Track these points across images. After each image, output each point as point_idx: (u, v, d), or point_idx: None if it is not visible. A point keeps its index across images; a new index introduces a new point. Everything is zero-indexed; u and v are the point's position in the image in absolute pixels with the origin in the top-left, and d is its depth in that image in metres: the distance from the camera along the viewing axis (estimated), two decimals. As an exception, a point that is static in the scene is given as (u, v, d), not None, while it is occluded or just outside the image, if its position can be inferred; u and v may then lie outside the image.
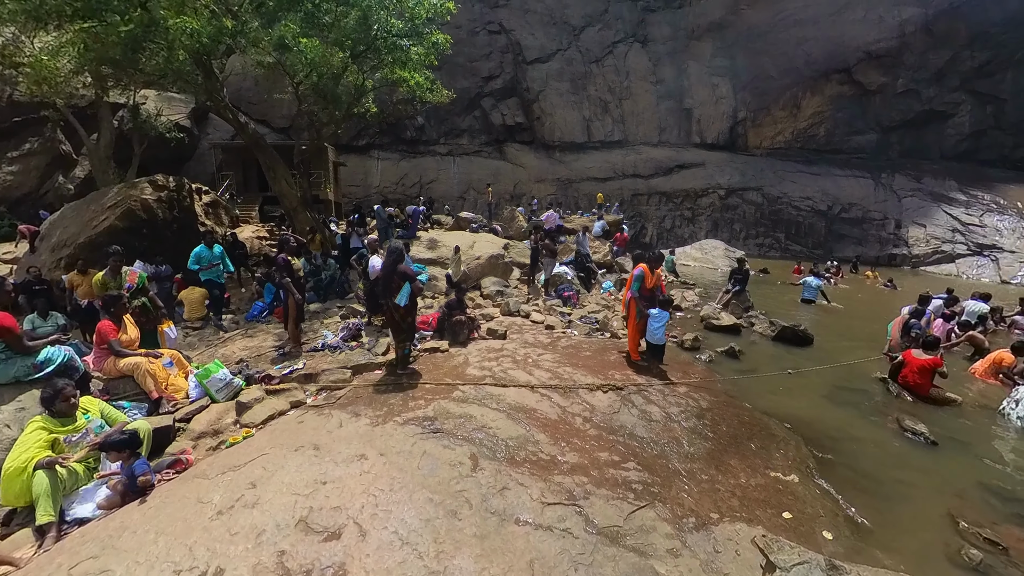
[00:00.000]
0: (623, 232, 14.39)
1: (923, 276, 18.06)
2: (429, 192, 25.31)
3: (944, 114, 21.58)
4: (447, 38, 12.07)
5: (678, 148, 26.75)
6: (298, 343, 5.58)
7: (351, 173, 25.40)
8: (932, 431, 4.42)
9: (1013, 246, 17.96)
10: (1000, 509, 3.39)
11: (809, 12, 23.17)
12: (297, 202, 11.74)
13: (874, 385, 5.78)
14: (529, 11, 27.66)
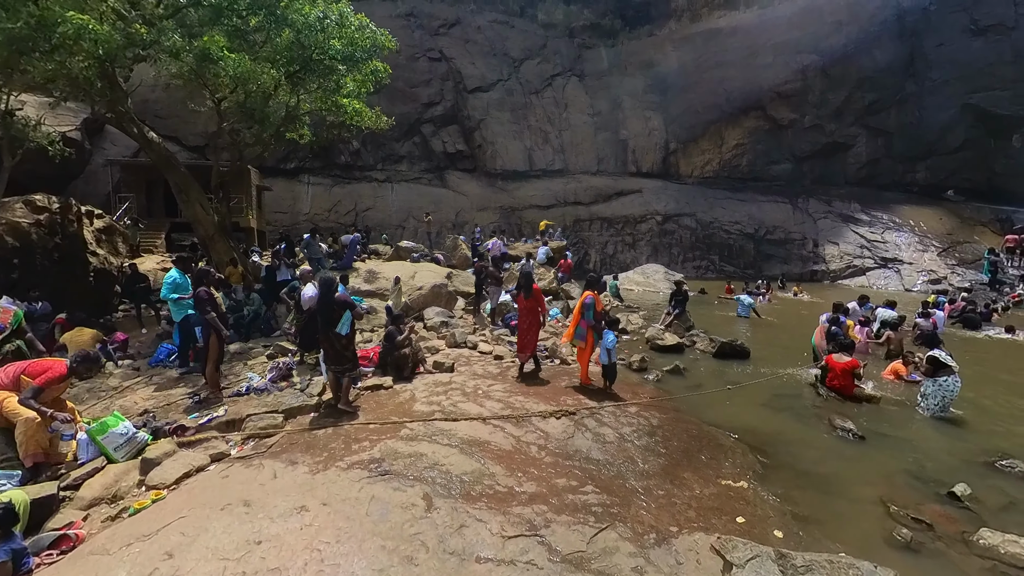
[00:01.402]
0: (567, 258, 15.12)
1: (840, 288, 20.93)
2: (365, 220, 24.84)
3: (845, 145, 25.79)
4: (386, 67, 12.39)
5: (616, 176, 29.02)
6: (217, 388, 5.15)
7: (277, 199, 24.28)
8: (859, 427, 5.18)
9: (911, 259, 21.59)
10: (922, 490, 4.02)
11: (726, 56, 27.00)
12: (214, 230, 11.01)
13: (806, 390, 6.65)
14: (470, 41, 29.18)
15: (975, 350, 10.01)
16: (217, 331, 5.02)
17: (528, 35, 30.55)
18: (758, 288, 16.81)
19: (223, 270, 10.22)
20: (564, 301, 11.83)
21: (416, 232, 24.87)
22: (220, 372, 5.44)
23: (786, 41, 25.69)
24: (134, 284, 9.54)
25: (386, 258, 15.20)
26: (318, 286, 4.73)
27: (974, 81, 22.34)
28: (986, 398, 6.53)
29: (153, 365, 6.76)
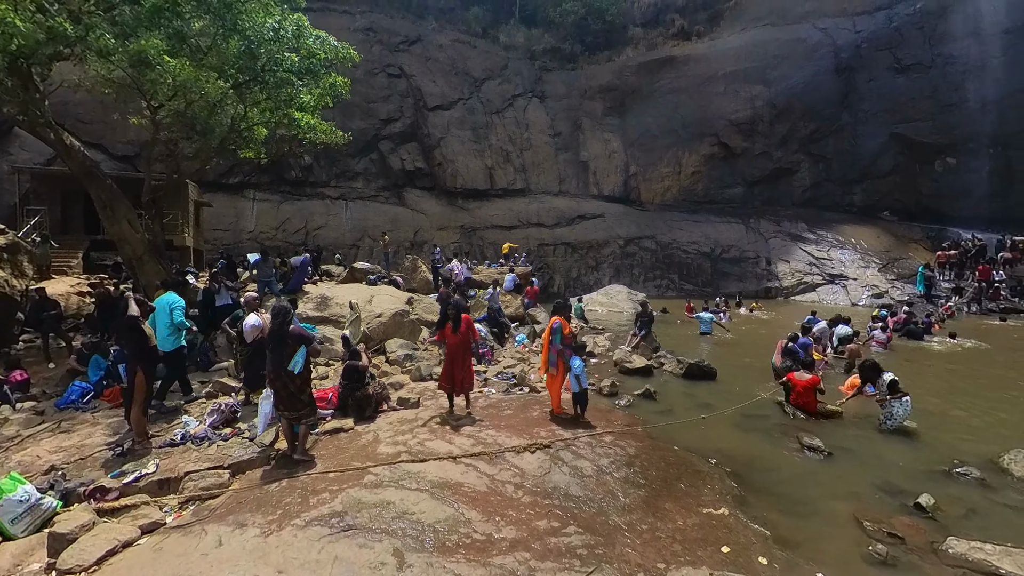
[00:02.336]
0: (533, 285, 15.27)
1: (793, 304, 22.47)
2: (317, 239, 24.06)
3: (790, 171, 28.15)
4: (346, 81, 12.28)
5: (578, 199, 29.94)
6: (145, 436, 4.62)
7: (218, 215, 23.09)
8: (826, 443, 5.49)
9: (855, 275, 23.54)
10: (890, 503, 4.28)
11: (681, 83, 28.93)
12: (143, 249, 10.25)
13: (773, 409, 6.98)
14: (431, 59, 29.55)
15: (921, 358, 11.07)
16: (139, 367, 4.52)
17: (489, 56, 31.39)
18: (717, 307, 17.72)
19: (152, 295, 9.51)
20: (531, 327, 11.87)
21: (372, 252, 24.40)
22: (149, 416, 4.94)
23: (736, 72, 27.96)
24: (41, 311, 8.58)
25: (340, 280, 14.67)
26: (270, 316, 4.40)
27: (899, 113, 25.23)
28: (935, 406, 7.12)
29: (62, 407, 6.01)
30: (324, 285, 13.09)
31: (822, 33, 26.95)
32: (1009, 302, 18.14)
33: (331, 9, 28.12)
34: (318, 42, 11.26)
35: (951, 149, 24.45)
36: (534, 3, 34.01)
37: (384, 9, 30.31)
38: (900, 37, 25.28)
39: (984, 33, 23.04)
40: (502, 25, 33.26)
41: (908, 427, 6.11)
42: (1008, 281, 19.08)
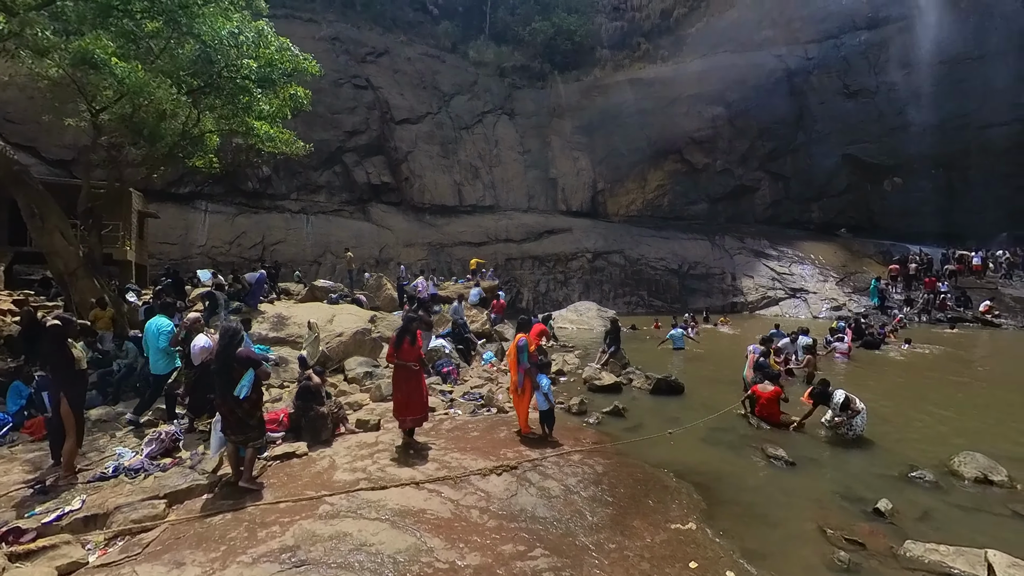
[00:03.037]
0: (499, 299, 15.30)
1: (758, 318, 23.48)
2: (275, 255, 23.37)
3: (752, 188, 29.71)
4: (307, 93, 12.19)
5: (546, 214, 30.50)
6: (73, 471, 4.28)
7: (165, 227, 22.10)
8: (789, 454, 5.72)
9: (815, 288, 24.89)
10: (850, 510, 4.48)
11: (646, 103, 30.29)
12: (78, 264, 9.64)
13: (739, 421, 7.23)
14: (399, 72, 29.70)
15: (879, 366, 11.86)
16: (64, 394, 4.19)
17: (459, 71, 31.89)
18: (686, 323, 18.31)
19: (87, 313, 8.94)
20: (498, 343, 11.85)
21: (334, 269, 23.92)
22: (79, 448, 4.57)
23: (698, 93, 29.54)
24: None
25: (299, 299, 14.23)
26: (219, 334, 4.22)
27: (850, 135, 27.24)
28: (891, 413, 7.55)
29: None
30: (282, 304, 12.67)
31: (777, 59, 28.95)
32: (955, 311, 19.58)
33: (296, 16, 27.97)
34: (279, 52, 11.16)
35: (898, 169, 26.52)
36: (503, 21, 34.94)
37: (351, 19, 30.38)
38: (847, 64, 27.47)
39: (921, 64, 25.36)
40: (472, 41, 33.92)
41: (865, 437, 6.45)
42: (953, 292, 20.64)
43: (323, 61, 25.49)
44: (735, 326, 19.99)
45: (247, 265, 22.84)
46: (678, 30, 31.95)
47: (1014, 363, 12.02)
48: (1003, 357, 13.33)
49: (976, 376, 10.69)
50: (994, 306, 18.93)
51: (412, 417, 5.32)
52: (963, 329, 17.87)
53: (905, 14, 25.83)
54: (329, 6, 30.27)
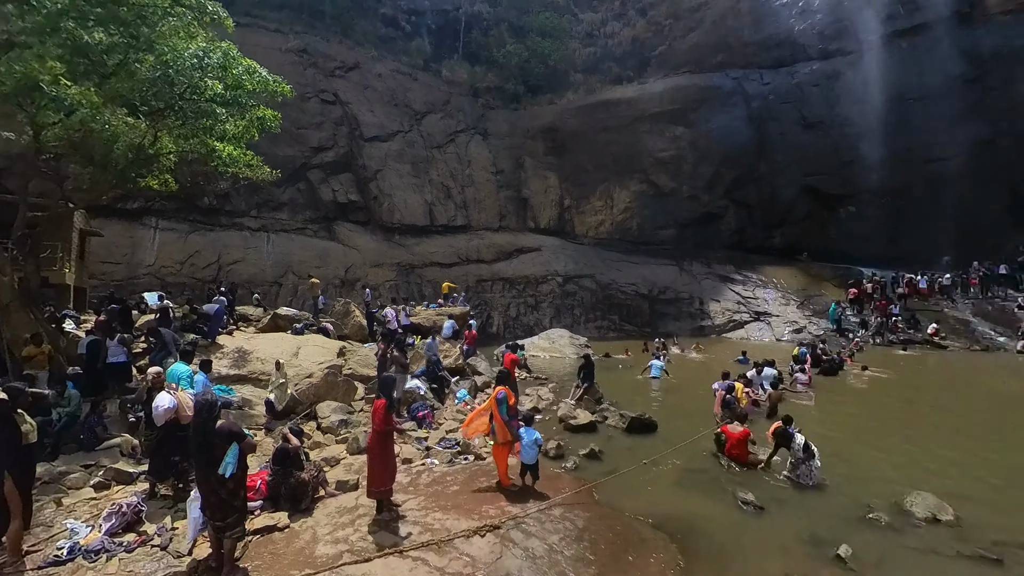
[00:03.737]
0: (471, 328, 15.33)
1: (725, 341, 24.36)
2: (232, 275, 22.55)
3: (718, 215, 31.11)
4: (275, 115, 12.07)
5: (516, 232, 30.91)
6: (20, 555, 3.96)
7: (109, 246, 21.00)
8: (758, 497, 6.07)
9: (778, 312, 26.11)
10: (815, 556, 4.83)
11: (612, 122, 31.38)
12: (11, 296, 9.03)
13: (710, 461, 7.59)
14: (369, 87, 29.60)
15: (839, 394, 12.68)
16: (13, 473, 3.89)
17: (432, 90, 32.11)
18: (657, 349, 18.97)
19: (19, 350, 8.33)
20: (471, 379, 11.81)
21: (296, 290, 23.31)
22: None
23: (660, 113, 30.90)
24: None
25: (260, 327, 13.79)
26: (194, 411, 4.05)
27: (808, 165, 29.07)
28: (850, 449, 8.09)
29: None
30: (242, 336, 12.28)
31: (734, 82, 30.68)
32: (906, 334, 21.07)
33: (261, 26, 27.55)
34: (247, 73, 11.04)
35: (852, 199, 28.44)
36: (477, 41, 35.54)
37: (320, 32, 30.16)
38: (802, 94, 29.47)
39: (871, 99, 27.53)
40: (445, 60, 34.31)
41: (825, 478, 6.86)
42: (904, 314, 22.23)
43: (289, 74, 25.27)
44: (705, 350, 20.78)
45: (199, 286, 21.98)
46: (643, 52, 33.49)
47: (957, 389, 13.04)
48: (949, 381, 14.45)
49: (925, 404, 11.56)
50: (940, 328, 20.53)
51: (377, 488, 5.15)
52: (914, 351, 19.28)
53: (853, 48, 28.05)
54: (297, 17, 30.03)
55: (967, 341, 19.81)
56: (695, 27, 31.96)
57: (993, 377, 14.42)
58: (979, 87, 24.93)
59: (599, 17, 36.01)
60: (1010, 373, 14.94)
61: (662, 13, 33.47)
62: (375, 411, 5.24)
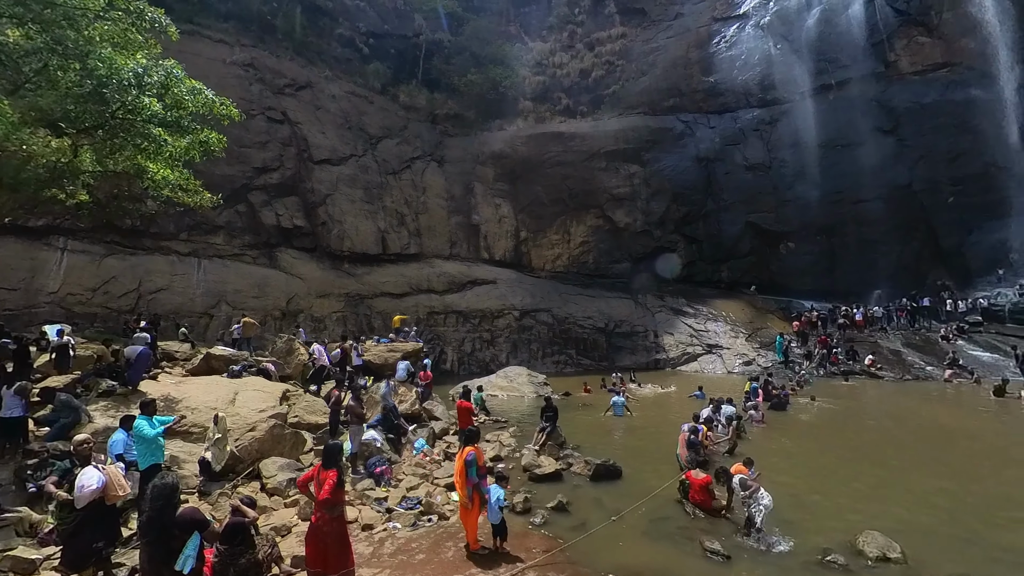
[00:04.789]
0: (426, 369, 14.97)
1: (680, 375, 25.41)
2: (154, 306, 20.85)
3: (669, 249, 32.80)
4: (221, 138, 11.59)
5: (469, 263, 30.93)
6: None
7: (3, 268, 18.87)
8: (724, 545, 6.33)
9: (728, 344, 27.56)
10: None
11: (567, 156, 32.64)
12: None
13: (675, 508, 7.85)
14: (321, 108, 29.02)
15: (788, 429, 13.42)
16: None
17: (388, 114, 32.05)
18: (614, 385, 19.43)
19: None
20: (429, 427, 11.40)
21: (229, 321, 21.68)
22: None
23: (615, 151, 32.60)
24: None
25: (189, 369, 12.68)
26: (149, 498, 3.53)
27: (750, 204, 31.53)
28: (804, 489, 8.55)
29: None
30: (168, 379, 11.24)
31: (684, 125, 33.08)
32: (846, 365, 22.89)
33: (203, 35, 26.50)
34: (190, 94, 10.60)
35: (791, 236, 31.02)
36: (438, 68, 36.02)
37: (270, 47, 29.42)
38: (744, 138, 32.20)
39: (804, 145, 30.52)
40: (403, 84, 34.40)
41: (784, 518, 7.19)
42: (843, 345, 24.18)
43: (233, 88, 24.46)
44: (661, 384, 21.47)
45: (114, 317, 20.09)
46: (596, 90, 35.38)
47: (897, 420, 14.25)
48: (888, 412, 15.77)
49: (868, 437, 12.51)
50: (876, 359, 22.50)
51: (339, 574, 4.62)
52: (854, 381, 21.00)
53: (787, 99, 31.18)
54: (245, 29, 29.22)
55: (900, 371, 21.84)
56: (647, 71, 34.30)
57: (925, 406, 15.92)
58: (895, 138, 28.37)
59: (548, 47, 37.78)
60: (938, 402, 16.54)
61: (611, 51, 35.63)
62: (322, 484, 4.65)
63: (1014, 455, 10.33)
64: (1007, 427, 13.00)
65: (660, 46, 34.60)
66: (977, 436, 12.02)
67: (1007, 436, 12.12)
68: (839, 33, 29.31)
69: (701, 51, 33.26)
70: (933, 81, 27.43)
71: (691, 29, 34.06)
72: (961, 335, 23.30)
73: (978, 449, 10.93)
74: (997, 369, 20.04)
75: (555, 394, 18.16)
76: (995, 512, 7.47)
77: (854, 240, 29.55)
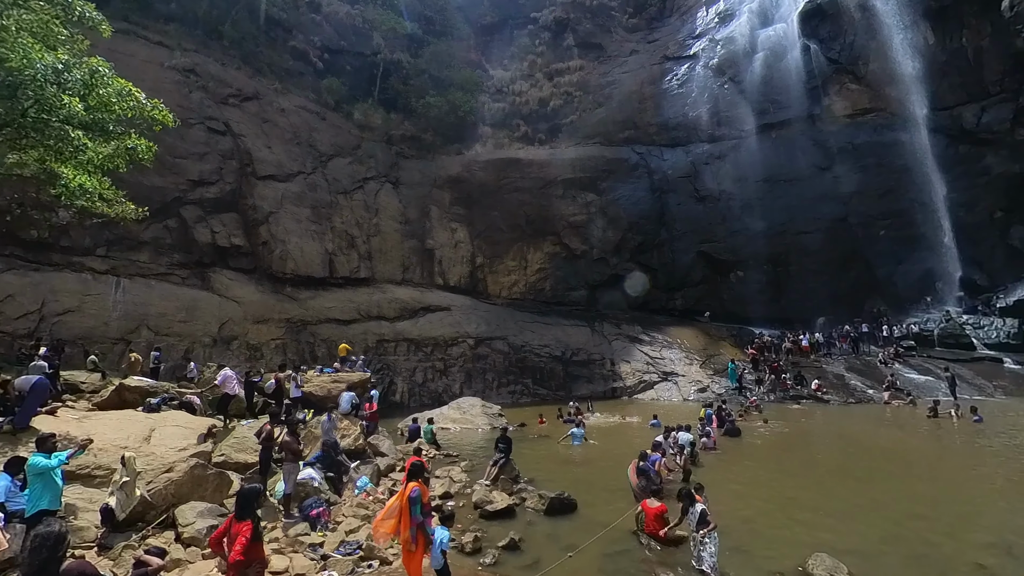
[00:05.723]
0: (372, 401, 14.33)
1: (636, 403, 25.64)
2: (59, 330, 19.00)
3: (625, 277, 33.57)
4: (150, 146, 10.93)
5: (423, 289, 30.44)
6: None
7: None
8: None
9: (683, 371, 28.29)
10: None
11: (525, 183, 33.29)
12: None
13: (631, 541, 7.81)
14: (268, 121, 28.10)
15: (742, 453, 13.78)
16: None
17: (341, 132, 31.54)
18: (571, 415, 19.40)
19: None
20: (373, 464, 10.78)
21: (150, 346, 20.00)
22: None
23: (572, 179, 33.60)
24: None
25: (97, 401, 11.44)
26: (29, 550, 2.97)
27: (701, 234, 33.20)
28: (756, 514, 8.73)
29: None
30: (70, 414, 10.04)
31: (639, 156, 34.72)
32: (795, 390, 24.06)
33: (140, 35, 25.30)
34: (119, 96, 9.97)
35: (740, 265, 32.79)
36: (395, 88, 36.03)
37: (215, 53, 28.44)
38: (696, 171, 34.14)
39: (750, 179, 32.72)
40: (358, 102, 34.06)
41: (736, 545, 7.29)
42: (792, 370, 25.43)
43: (170, 94, 23.39)
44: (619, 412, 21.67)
45: (7, 343, 18.05)
46: (554, 118, 36.65)
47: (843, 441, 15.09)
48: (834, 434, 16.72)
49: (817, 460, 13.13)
50: (822, 384, 23.79)
51: None
52: (803, 405, 22.13)
53: (735, 135, 33.53)
54: (188, 33, 28.18)
55: (844, 395, 23.21)
56: (604, 103, 35.96)
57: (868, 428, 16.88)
58: (831, 175, 30.99)
59: (509, 75, 38.99)
60: (880, 424, 17.63)
61: (570, 82, 37.20)
62: (235, 537, 4.16)
63: (952, 474, 11.08)
64: (944, 447, 14.01)
65: (616, 80, 36.53)
66: (916, 456, 12.84)
67: (944, 456, 13.01)
68: (780, 77, 32.03)
69: (654, 87, 35.38)
70: (863, 124, 30.41)
71: (645, 66, 36.35)
72: (897, 359, 25.23)
73: (919, 469, 11.63)
74: (930, 390, 21.77)
75: (510, 425, 17.85)
76: (939, 529, 7.86)
77: (798, 269, 31.63)
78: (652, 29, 38.36)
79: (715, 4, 36.18)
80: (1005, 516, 8.39)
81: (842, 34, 31.09)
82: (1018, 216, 27.17)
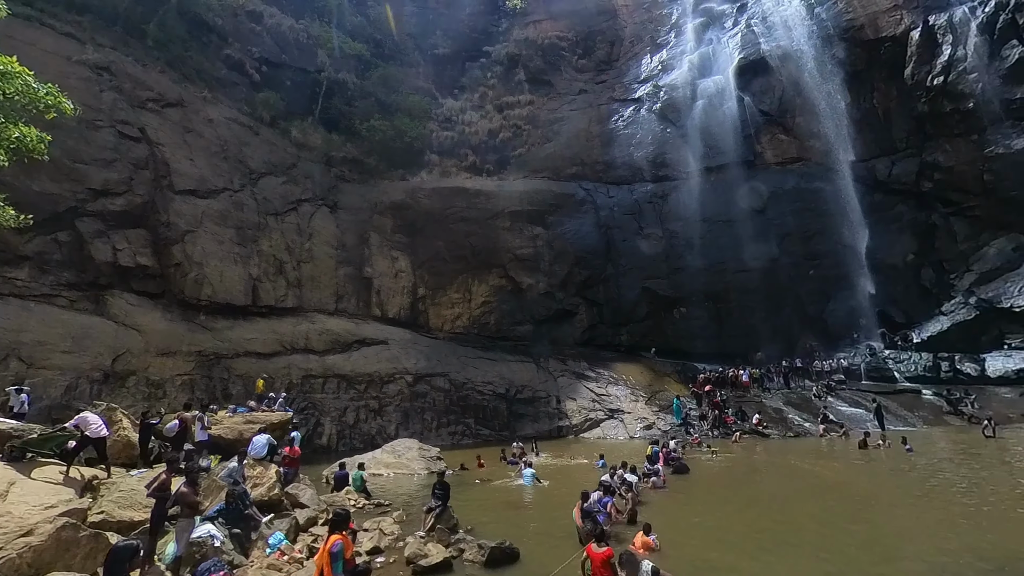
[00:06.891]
0: (293, 445, 13.11)
1: (582, 442, 25.48)
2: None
3: (571, 312, 34.17)
4: (44, 137, 9.75)
5: (358, 320, 29.18)
6: None
7: None
8: None
9: (629, 408, 28.52)
10: None
11: (471, 213, 33.32)
12: None
13: None
14: (192, 131, 26.39)
15: (689, 491, 14.08)
16: None
17: (276, 149, 30.34)
18: (514, 456, 18.88)
19: None
20: (291, 517, 9.63)
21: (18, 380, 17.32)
22: None
23: (520, 212, 34.15)
24: None
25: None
26: None
27: (646, 270, 34.53)
28: (704, 557, 8.62)
29: None
30: None
31: (586, 192, 36.01)
32: (737, 425, 24.90)
33: (47, 24, 23.29)
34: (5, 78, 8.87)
35: (683, 301, 34.27)
36: (338, 108, 35.36)
37: (135, 52, 26.64)
38: (640, 209, 35.81)
39: (691, 218, 34.74)
40: (297, 120, 33.06)
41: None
42: (733, 405, 26.39)
43: (78, 91, 21.59)
44: (565, 452, 21.30)
45: None
46: (503, 150, 37.42)
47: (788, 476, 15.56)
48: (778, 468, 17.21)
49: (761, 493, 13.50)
50: (762, 418, 24.81)
51: None
52: (745, 439, 22.98)
53: (676, 176, 35.69)
54: (105, 28, 26.31)
55: (783, 428, 24.40)
56: (552, 138, 37.31)
57: (806, 461, 17.63)
58: (763, 217, 33.57)
59: (459, 105, 39.68)
60: (816, 457, 18.53)
61: (519, 116, 38.33)
62: None
63: (886, 501, 11.86)
64: (874, 476, 14.97)
65: (565, 117, 38.13)
66: (849, 487, 13.56)
67: (876, 484, 13.84)
68: (718, 124, 34.77)
69: (601, 126, 37.25)
70: (791, 172, 33.48)
71: (593, 105, 38.31)
72: (830, 392, 27.04)
73: (853, 498, 12.21)
74: (860, 421, 23.56)
75: (450, 469, 17.08)
76: (876, 556, 8.18)
77: (737, 306, 33.52)
78: (600, 71, 40.59)
79: (659, 53, 39.08)
80: (939, 542, 8.87)
81: (771, 89, 34.46)
82: (927, 259, 30.60)
